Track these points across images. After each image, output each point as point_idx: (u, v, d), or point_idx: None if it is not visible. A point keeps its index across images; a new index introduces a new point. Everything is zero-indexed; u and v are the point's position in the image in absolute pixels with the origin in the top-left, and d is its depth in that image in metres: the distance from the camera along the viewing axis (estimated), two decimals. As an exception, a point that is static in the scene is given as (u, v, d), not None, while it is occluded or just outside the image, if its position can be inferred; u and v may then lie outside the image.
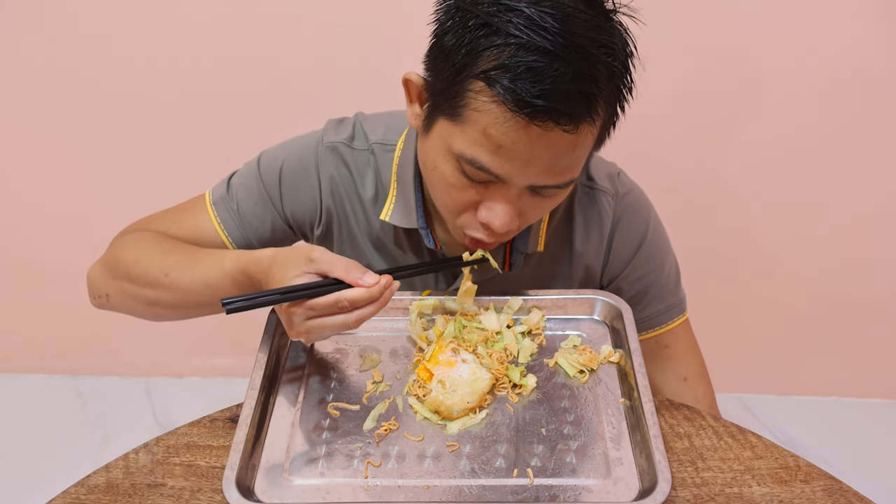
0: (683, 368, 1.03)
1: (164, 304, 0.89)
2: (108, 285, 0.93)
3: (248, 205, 0.96)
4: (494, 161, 0.72)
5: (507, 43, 0.67)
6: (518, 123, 0.69)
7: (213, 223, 0.96)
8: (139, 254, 0.90)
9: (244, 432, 0.73)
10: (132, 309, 0.94)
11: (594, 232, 0.96)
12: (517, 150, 0.71)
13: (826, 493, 0.76)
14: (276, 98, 1.58)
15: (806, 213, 1.69)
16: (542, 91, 0.66)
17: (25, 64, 1.55)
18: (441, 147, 0.76)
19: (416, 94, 0.80)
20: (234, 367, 1.96)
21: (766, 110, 1.56)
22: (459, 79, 0.71)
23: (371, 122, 0.97)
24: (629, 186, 0.99)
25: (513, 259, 0.93)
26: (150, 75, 1.56)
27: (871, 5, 1.42)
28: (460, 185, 0.77)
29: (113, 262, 0.92)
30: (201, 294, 0.86)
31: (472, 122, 0.71)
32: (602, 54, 0.69)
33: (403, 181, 0.92)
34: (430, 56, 0.76)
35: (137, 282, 0.89)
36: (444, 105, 0.74)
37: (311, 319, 0.75)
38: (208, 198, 0.98)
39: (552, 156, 0.72)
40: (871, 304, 1.80)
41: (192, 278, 0.85)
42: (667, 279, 1.01)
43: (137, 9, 1.48)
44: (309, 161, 0.95)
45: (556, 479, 0.71)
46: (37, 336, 1.97)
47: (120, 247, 0.93)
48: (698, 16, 1.45)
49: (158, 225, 0.96)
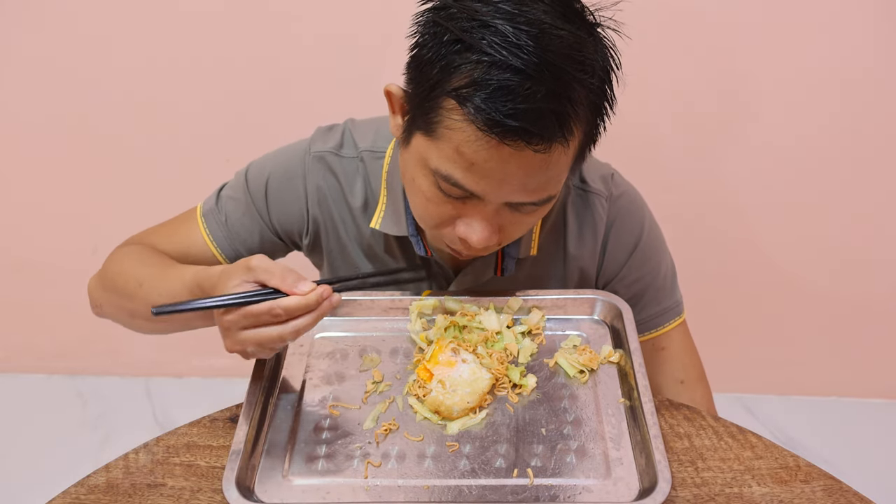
0: (680, 371, 1.03)
1: (140, 315, 0.91)
2: (100, 296, 0.96)
3: (236, 216, 0.96)
4: (468, 178, 0.71)
5: (479, 60, 0.66)
6: (489, 143, 0.68)
7: (202, 235, 0.96)
8: (123, 266, 0.93)
9: (244, 432, 0.73)
10: (121, 320, 0.96)
11: (588, 235, 0.96)
12: (489, 168, 0.70)
13: (826, 493, 0.76)
14: (275, 99, 1.58)
15: (805, 214, 1.69)
16: (512, 111, 0.65)
17: (25, 64, 1.56)
18: (418, 161, 0.75)
19: (398, 106, 0.79)
20: (234, 367, 1.94)
21: (764, 111, 1.56)
22: (433, 95, 0.70)
23: (361, 129, 0.96)
24: (623, 188, 0.98)
25: (504, 264, 0.93)
26: (150, 76, 1.56)
27: (871, 6, 1.42)
28: (437, 200, 0.76)
29: (104, 274, 0.96)
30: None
31: (446, 140, 0.70)
32: (578, 72, 0.67)
33: (393, 188, 0.91)
34: (409, 68, 0.75)
35: (119, 293, 0.92)
36: (420, 120, 0.73)
37: (246, 330, 0.72)
38: (199, 211, 0.99)
39: (525, 174, 0.71)
40: (871, 304, 1.80)
41: (159, 291, 0.85)
42: (663, 281, 1.01)
43: (137, 10, 1.48)
44: (295, 172, 0.95)
45: (556, 479, 0.71)
46: (37, 336, 1.97)
47: (111, 259, 0.97)
48: (697, 17, 1.45)
49: (152, 239, 0.98)
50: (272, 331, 0.71)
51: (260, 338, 0.72)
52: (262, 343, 0.72)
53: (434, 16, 0.71)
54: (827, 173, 1.63)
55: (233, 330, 0.73)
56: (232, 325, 0.72)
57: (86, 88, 1.58)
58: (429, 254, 0.92)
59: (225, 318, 0.72)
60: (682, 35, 1.47)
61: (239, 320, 0.72)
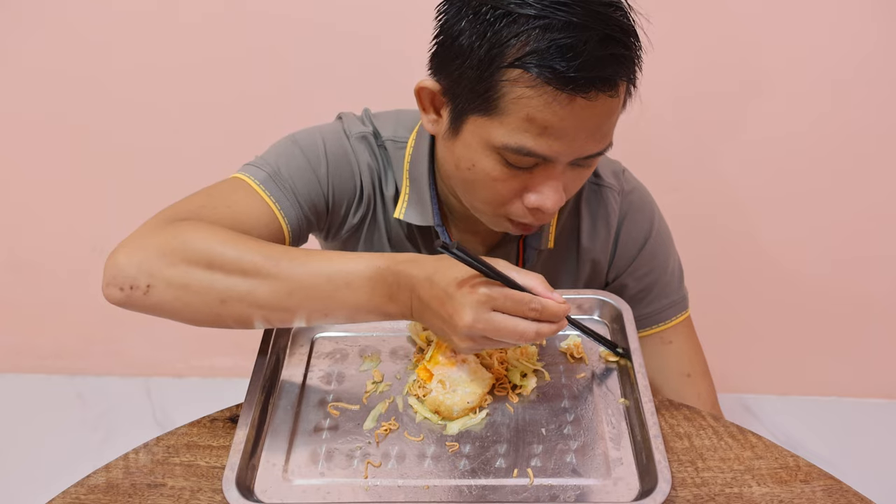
0: (687, 365, 1.04)
1: (255, 298, 0.74)
2: (155, 273, 0.73)
3: (300, 185, 0.88)
4: (541, 143, 0.73)
5: (530, 27, 0.69)
6: (562, 101, 0.70)
7: (269, 206, 0.85)
8: (223, 237, 0.75)
9: (244, 432, 0.73)
10: (188, 305, 0.75)
11: (601, 228, 0.97)
12: (564, 126, 0.72)
13: (826, 493, 0.76)
14: (277, 98, 1.58)
15: (807, 213, 1.69)
16: (579, 64, 0.68)
17: (25, 64, 1.55)
18: (478, 144, 0.76)
19: (430, 101, 0.80)
20: (234, 367, 1.96)
21: (769, 110, 1.56)
22: (488, 73, 0.71)
23: (380, 119, 0.96)
24: (634, 184, 1.01)
25: (526, 255, 0.94)
26: (151, 76, 1.56)
27: (872, 5, 1.42)
28: (504, 177, 0.77)
29: (176, 246, 0.74)
30: (319, 290, 0.73)
31: (512, 112, 0.72)
32: (619, 16, 0.71)
33: (416, 179, 0.92)
34: (442, 60, 0.76)
35: (221, 269, 0.73)
36: (474, 103, 0.74)
37: (496, 312, 0.68)
38: (250, 181, 0.86)
39: (595, 124, 0.73)
40: (871, 304, 1.80)
41: (310, 268, 0.73)
42: (671, 275, 1.02)
43: (137, 9, 1.48)
44: (345, 147, 0.93)
45: (556, 479, 0.71)
46: (37, 336, 1.97)
47: (183, 230, 0.76)
48: (700, 16, 1.45)
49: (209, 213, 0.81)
50: (519, 325, 0.68)
51: (505, 326, 0.68)
52: (504, 333, 0.68)
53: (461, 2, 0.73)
54: (830, 173, 1.62)
55: (485, 306, 0.67)
56: (489, 300, 0.67)
57: (85, 88, 1.58)
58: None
59: (487, 290, 0.67)
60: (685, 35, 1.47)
61: (499, 299, 0.67)
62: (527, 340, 0.69)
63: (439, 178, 0.92)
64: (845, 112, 1.54)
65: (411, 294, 0.72)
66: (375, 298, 0.73)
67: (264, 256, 0.74)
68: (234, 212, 0.82)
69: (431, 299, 0.69)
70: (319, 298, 0.73)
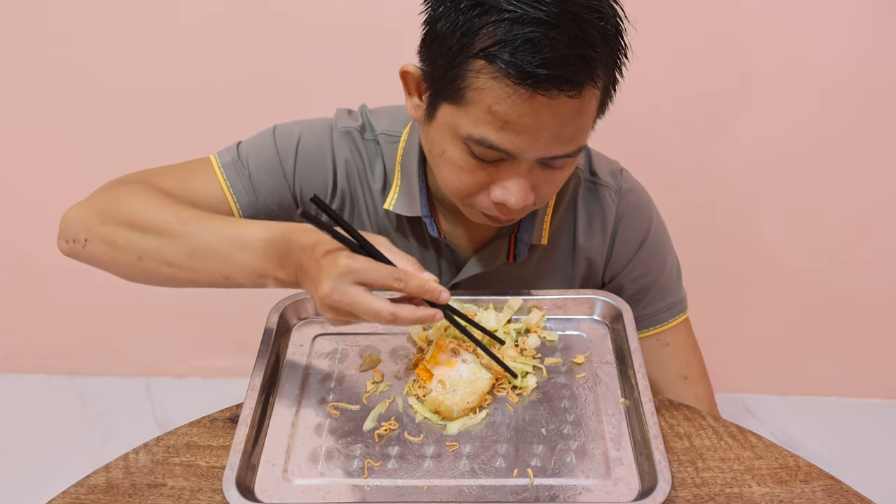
0: (684, 367, 1.04)
1: (164, 257, 0.80)
2: (91, 229, 0.84)
3: (260, 173, 0.92)
4: (503, 137, 0.72)
5: (500, 18, 0.68)
6: (522, 96, 0.69)
7: (221, 187, 0.91)
8: (149, 200, 0.83)
9: (244, 432, 0.73)
10: (113, 259, 0.84)
11: (597, 227, 0.97)
12: (524, 122, 0.71)
13: (826, 493, 0.76)
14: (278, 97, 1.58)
15: (806, 213, 1.69)
16: (542, 60, 0.67)
17: (25, 64, 1.55)
18: (447, 132, 0.76)
19: (415, 86, 0.81)
20: (234, 367, 1.96)
21: (767, 109, 1.56)
22: (458, 61, 0.71)
23: (376, 115, 0.97)
24: (631, 184, 1.00)
25: (517, 250, 0.94)
26: (151, 75, 1.56)
27: (871, 5, 1.42)
28: (470, 168, 0.77)
29: (108, 206, 0.84)
30: (217, 252, 0.78)
31: (476, 102, 0.72)
32: (596, 19, 0.70)
33: (407, 171, 0.92)
34: (424, 45, 0.77)
35: (139, 229, 0.81)
36: (445, 90, 0.74)
37: (357, 285, 0.70)
38: (215, 161, 0.93)
39: (559, 124, 0.72)
40: (871, 304, 1.80)
41: (213, 231, 0.78)
42: (668, 277, 1.02)
43: (138, 8, 1.48)
44: (325, 142, 0.94)
45: (556, 479, 0.71)
46: (37, 336, 1.97)
47: (120, 192, 0.85)
48: (698, 14, 1.45)
49: (158, 181, 0.89)
50: (374, 302, 0.70)
51: (361, 301, 0.70)
52: (358, 308, 0.70)
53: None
54: (829, 172, 1.62)
55: (346, 277, 0.70)
56: (351, 272, 0.69)
57: (86, 87, 1.58)
58: (441, 236, 0.93)
59: (348, 261, 0.70)
60: (683, 33, 1.47)
61: (360, 270, 0.70)
62: (383, 320, 0.70)
63: (429, 170, 0.92)
64: (843, 111, 1.54)
65: (297, 261, 0.74)
66: (266, 263, 0.76)
67: (177, 218, 0.80)
68: (185, 186, 0.89)
69: (308, 267, 0.73)
70: (218, 259, 0.78)
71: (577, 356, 0.84)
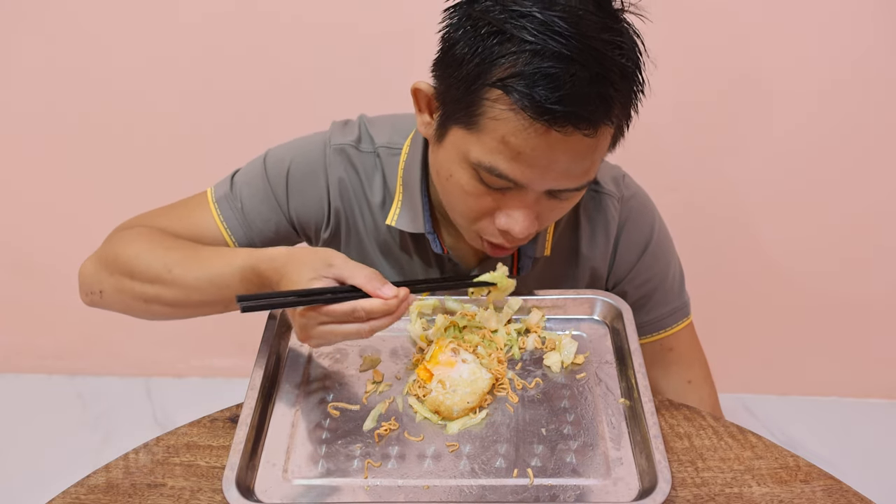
0: (688, 371, 1.03)
1: (164, 301, 0.86)
2: (102, 281, 0.90)
3: (253, 204, 0.94)
4: (513, 168, 0.72)
5: (521, 50, 0.67)
6: (538, 130, 0.69)
7: (215, 221, 0.94)
8: (140, 249, 0.88)
9: (244, 432, 0.73)
10: (128, 307, 0.91)
11: (600, 235, 0.96)
12: (536, 156, 0.71)
13: (826, 493, 0.76)
14: (278, 99, 1.58)
15: (807, 213, 1.69)
16: (560, 97, 0.66)
17: (25, 64, 1.55)
18: (456, 156, 0.76)
19: (426, 103, 0.80)
20: (234, 367, 1.96)
21: (768, 111, 1.56)
22: (474, 88, 0.71)
23: (376, 125, 0.96)
24: (634, 190, 0.99)
25: (521, 264, 0.93)
26: (151, 75, 1.56)
27: (871, 5, 1.42)
28: (477, 193, 0.76)
29: (111, 258, 0.90)
30: (205, 292, 0.83)
31: (490, 131, 0.71)
32: (616, 56, 0.68)
33: (409, 185, 0.91)
34: (441, 65, 0.76)
35: (138, 277, 0.86)
36: (458, 114, 0.74)
37: (324, 325, 0.73)
38: (211, 195, 0.96)
39: (571, 160, 0.72)
40: (870, 304, 1.80)
41: (197, 275, 0.83)
42: (671, 282, 1.01)
43: (138, 8, 1.48)
44: (317, 162, 0.94)
45: (556, 479, 0.71)
46: (37, 336, 1.97)
47: (118, 242, 0.91)
48: (700, 17, 1.45)
49: (159, 222, 0.94)
50: (349, 328, 0.73)
51: (336, 333, 0.74)
52: (338, 338, 0.74)
53: (468, 9, 0.72)
54: (829, 173, 1.62)
55: (311, 326, 0.74)
56: (311, 321, 0.73)
57: (86, 88, 1.58)
58: (445, 252, 0.92)
59: (306, 313, 0.73)
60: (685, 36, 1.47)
61: (319, 317, 0.73)
62: (365, 336, 0.74)
63: (432, 185, 0.91)
64: (844, 112, 1.54)
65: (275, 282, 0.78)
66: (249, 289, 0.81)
67: (162, 265, 0.85)
68: (185, 224, 0.94)
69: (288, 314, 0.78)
70: (210, 297, 0.84)
71: (577, 356, 0.84)
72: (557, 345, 0.85)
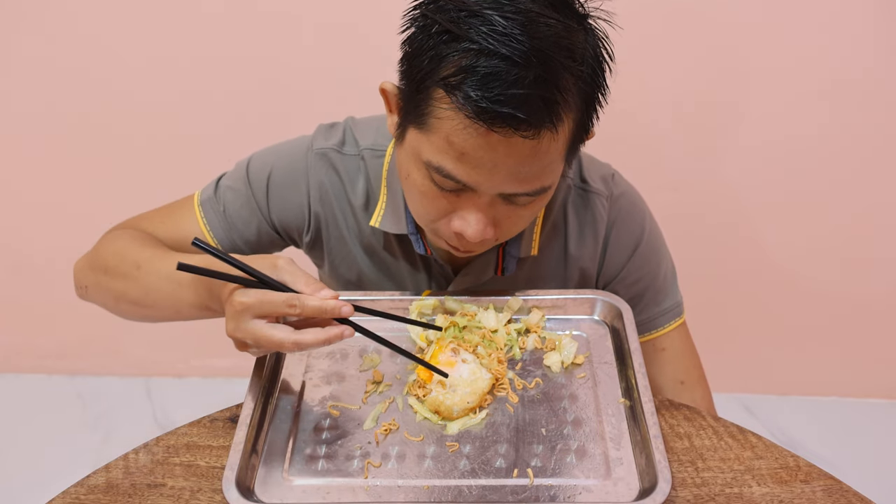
0: (681, 372, 1.02)
1: (130, 299, 0.88)
2: (87, 277, 0.94)
3: (235, 207, 0.95)
4: (459, 169, 0.71)
5: (468, 49, 0.66)
6: (477, 130, 0.68)
7: (199, 224, 0.96)
8: (117, 247, 0.91)
9: (244, 432, 0.73)
10: (105, 303, 0.94)
11: (588, 235, 0.95)
12: (479, 157, 0.70)
13: (826, 493, 0.76)
14: (278, 99, 1.58)
15: (807, 213, 1.69)
16: (500, 96, 0.65)
17: (25, 63, 1.56)
18: (412, 155, 0.75)
19: (394, 103, 0.79)
20: (234, 367, 1.96)
21: (767, 111, 1.56)
22: (423, 86, 0.70)
23: (361, 128, 0.96)
24: (623, 188, 0.98)
25: (505, 264, 0.93)
26: (151, 75, 1.56)
27: (871, 5, 1.42)
28: (431, 194, 0.76)
29: (94, 255, 0.94)
30: (163, 291, 0.84)
31: (436, 130, 0.70)
32: (566, 60, 0.67)
33: (393, 187, 0.91)
34: (401, 64, 0.75)
35: (111, 273, 0.89)
36: (412, 114, 0.73)
37: (256, 319, 0.71)
38: (196, 198, 0.98)
39: (515, 162, 0.70)
40: (870, 304, 1.80)
41: (158, 275, 0.84)
42: (663, 282, 1.00)
43: (137, 9, 1.48)
44: (298, 167, 0.95)
45: (556, 479, 0.71)
46: (37, 336, 1.97)
47: (104, 241, 0.95)
48: (697, 16, 1.45)
49: (146, 224, 0.97)
50: (276, 334, 0.70)
51: (263, 335, 0.71)
52: (262, 342, 0.71)
53: (423, 9, 0.71)
54: (828, 173, 1.63)
55: (244, 315, 0.71)
56: (246, 308, 0.70)
57: (86, 87, 1.58)
58: (428, 252, 0.92)
59: (240, 298, 0.70)
60: (682, 35, 1.47)
61: (255, 305, 0.70)
62: (287, 349, 0.71)
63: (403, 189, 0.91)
64: (844, 113, 1.55)
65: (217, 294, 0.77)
66: (201, 297, 0.81)
67: (132, 263, 0.87)
68: (168, 227, 0.96)
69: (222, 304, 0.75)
70: (166, 297, 0.85)
71: (578, 356, 0.84)
72: (557, 345, 0.85)
